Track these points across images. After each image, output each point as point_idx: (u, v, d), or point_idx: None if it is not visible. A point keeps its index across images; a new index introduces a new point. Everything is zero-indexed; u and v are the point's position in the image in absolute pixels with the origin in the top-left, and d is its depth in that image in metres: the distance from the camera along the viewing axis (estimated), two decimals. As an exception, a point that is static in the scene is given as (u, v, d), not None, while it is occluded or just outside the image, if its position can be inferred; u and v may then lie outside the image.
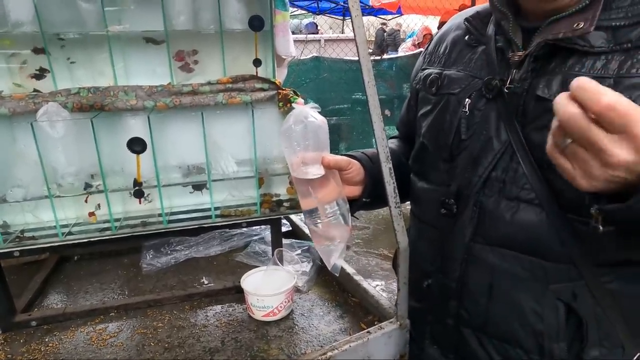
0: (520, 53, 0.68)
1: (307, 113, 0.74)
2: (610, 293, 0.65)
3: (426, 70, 0.86)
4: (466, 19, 0.80)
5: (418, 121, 0.87)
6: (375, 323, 0.86)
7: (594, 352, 0.66)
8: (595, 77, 0.58)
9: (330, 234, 0.77)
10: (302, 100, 0.94)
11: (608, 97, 0.42)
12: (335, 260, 0.78)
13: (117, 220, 0.96)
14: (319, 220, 0.77)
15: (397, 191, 0.76)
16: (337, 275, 0.96)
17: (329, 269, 0.79)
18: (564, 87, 0.61)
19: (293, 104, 0.96)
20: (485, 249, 0.72)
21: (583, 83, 0.43)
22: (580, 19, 0.60)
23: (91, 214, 0.96)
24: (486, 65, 0.73)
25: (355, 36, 0.73)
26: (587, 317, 0.66)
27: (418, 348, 0.85)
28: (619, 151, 0.43)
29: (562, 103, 0.45)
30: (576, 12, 0.62)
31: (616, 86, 0.57)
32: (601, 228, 0.51)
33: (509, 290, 0.71)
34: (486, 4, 0.79)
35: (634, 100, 0.53)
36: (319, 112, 0.75)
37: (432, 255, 0.80)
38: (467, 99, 0.74)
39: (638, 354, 0.67)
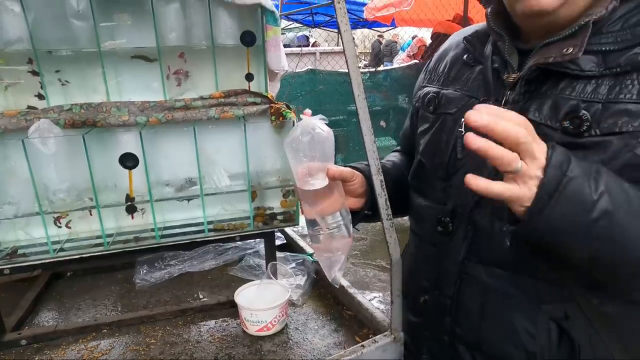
0: (514, 75, 0.69)
1: (315, 124, 0.74)
2: (605, 315, 0.65)
3: (425, 89, 0.86)
4: (465, 38, 0.81)
5: (417, 138, 0.87)
6: (370, 336, 0.86)
7: None
8: (585, 101, 0.60)
9: (332, 245, 0.77)
10: (310, 111, 0.94)
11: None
12: (336, 272, 0.78)
13: (110, 235, 0.95)
14: (321, 231, 0.77)
15: (388, 203, 0.77)
16: (337, 287, 0.96)
17: (330, 280, 0.78)
18: (555, 110, 0.62)
19: (300, 115, 0.96)
20: (478, 268, 0.72)
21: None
22: (570, 45, 0.61)
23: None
24: (482, 86, 0.74)
25: (344, 50, 0.74)
26: (579, 339, 0.65)
27: None
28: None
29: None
30: (566, 37, 0.63)
31: (604, 111, 0.59)
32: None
33: (501, 309, 0.70)
34: (484, 23, 0.79)
35: (619, 126, 0.57)
36: (326, 123, 0.76)
37: (429, 271, 0.80)
38: (463, 119, 0.74)
39: None
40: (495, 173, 0.67)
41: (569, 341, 0.65)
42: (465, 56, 0.80)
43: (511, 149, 0.52)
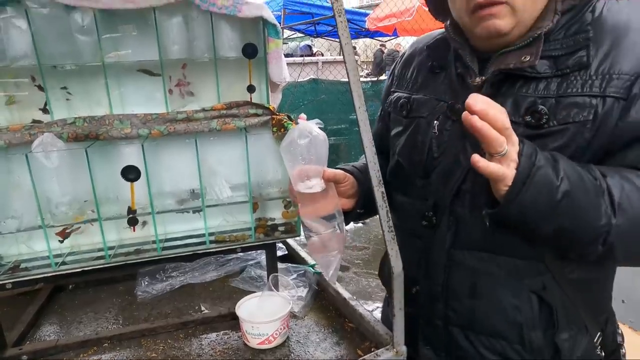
0: (478, 79, 0.76)
1: (312, 128, 0.78)
2: (573, 282, 0.75)
3: (396, 94, 0.93)
4: (427, 47, 0.89)
5: (391, 140, 0.93)
6: (373, 350, 0.85)
7: (564, 335, 0.76)
8: (540, 97, 0.69)
9: (329, 245, 0.80)
10: (305, 116, 0.97)
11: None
12: (332, 270, 0.81)
13: (111, 248, 0.95)
14: (320, 230, 0.80)
15: (390, 215, 0.76)
16: (334, 284, 0.97)
17: (327, 279, 0.81)
18: (516, 107, 0.71)
19: (297, 120, 0.97)
20: (464, 254, 0.79)
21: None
22: (527, 53, 0.70)
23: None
24: (449, 90, 0.81)
25: (345, 63, 0.74)
26: (555, 305, 0.75)
27: (413, 350, 0.88)
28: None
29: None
30: (523, 46, 0.72)
31: (557, 104, 0.68)
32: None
33: (489, 289, 0.77)
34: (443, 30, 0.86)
35: (572, 116, 0.68)
36: (320, 127, 0.79)
37: (418, 263, 0.85)
38: (435, 121, 0.81)
39: (599, 333, 0.80)
40: (469, 168, 0.75)
41: (548, 308, 0.75)
42: (430, 63, 0.88)
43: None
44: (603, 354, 0.81)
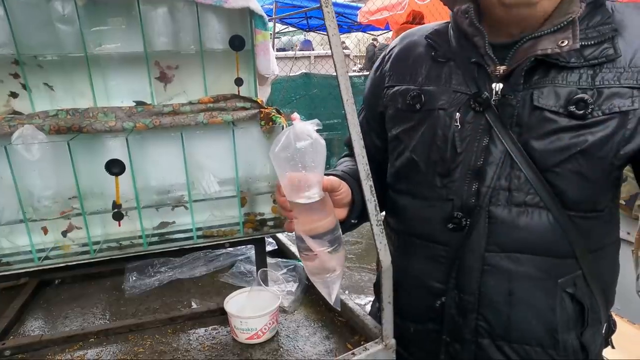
0: (503, 67, 0.72)
1: (310, 130, 0.66)
2: (596, 275, 0.74)
3: (397, 87, 0.86)
4: (427, 37, 0.84)
5: (396, 138, 0.86)
6: (362, 343, 0.85)
7: (589, 333, 0.75)
8: (580, 88, 0.67)
9: (330, 264, 0.70)
10: (298, 116, 0.88)
11: None
12: (335, 292, 0.73)
13: (96, 243, 0.94)
14: (319, 248, 0.68)
15: (378, 209, 0.76)
16: (339, 310, 0.90)
17: (332, 303, 0.73)
18: (557, 97, 0.68)
19: (293, 122, 0.92)
20: (500, 257, 0.73)
21: None
22: (563, 37, 0.67)
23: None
24: (466, 80, 0.76)
25: (333, 55, 0.73)
26: (585, 302, 0.73)
27: None
28: None
29: None
30: (556, 30, 0.69)
31: (599, 95, 0.66)
32: None
33: (526, 293, 0.73)
34: (440, 22, 0.84)
35: (618, 106, 0.65)
36: (318, 130, 0.67)
37: (443, 272, 0.78)
38: (457, 113, 0.75)
39: (605, 325, 0.79)
40: (502, 163, 0.71)
41: (579, 306, 0.73)
42: (433, 53, 0.82)
43: None
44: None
